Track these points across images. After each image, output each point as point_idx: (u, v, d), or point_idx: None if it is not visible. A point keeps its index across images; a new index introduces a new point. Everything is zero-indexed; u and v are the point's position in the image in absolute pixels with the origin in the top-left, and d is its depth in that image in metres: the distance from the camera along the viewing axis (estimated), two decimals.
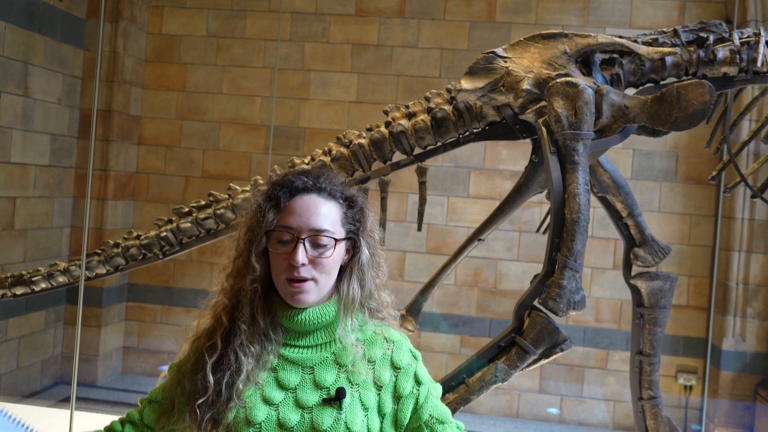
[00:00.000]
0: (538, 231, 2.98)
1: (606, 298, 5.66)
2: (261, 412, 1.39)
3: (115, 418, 1.53)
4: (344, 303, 1.47)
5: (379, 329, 1.52)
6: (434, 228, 5.88)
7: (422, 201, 2.81)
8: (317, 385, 1.42)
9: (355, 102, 6.06)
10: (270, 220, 1.44)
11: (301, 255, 1.40)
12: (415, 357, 1.51)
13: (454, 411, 2.33)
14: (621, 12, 5.69)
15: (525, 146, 2.72)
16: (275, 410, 1.40)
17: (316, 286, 1.43)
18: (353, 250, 1.50)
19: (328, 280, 1.45)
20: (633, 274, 2.82)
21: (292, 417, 1.39)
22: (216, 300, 1.51)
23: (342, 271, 1.50)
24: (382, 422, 1.44)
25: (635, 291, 2.81)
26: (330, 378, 1.43)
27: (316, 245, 1.42)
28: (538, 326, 2.32)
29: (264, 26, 6.18)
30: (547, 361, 2.36)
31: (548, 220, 2.59)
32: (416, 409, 1.47)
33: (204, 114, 6.25)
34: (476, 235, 2.79)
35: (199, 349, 1.46)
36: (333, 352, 1.46)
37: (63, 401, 5.44)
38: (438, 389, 1.53)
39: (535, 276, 2.40)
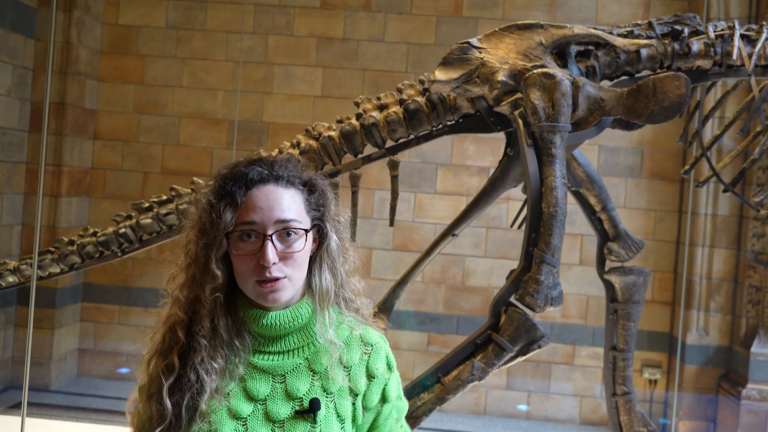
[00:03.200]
0: (512, 225, 2.94)
1: (573, 294, 5.68)
2: (228, 428, 1.28)
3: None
4: (318, 296, 1.36)
5: (356, 329, 1.41)
6: (401, 224, 5.81)
7: (394, 195, 2.74)
8: (289, 396, 1.32)
9: (320, 96, 5.95)
10: (228, 220, 1.29)
11: (271, 253, 1.28)
12: (389, 367, 1.42)
13: (429, 411, 2.27)
14: (587, 8, 5.71)
15: (492, 142, 2.68)
16: (243, 425, 1.29)
17: (290, 283, 1.32)
18: (320, 237, 1.39)
19: (301, 274, 1.34)
20: (606, 269, 2.80)
21: None
22: (169, 313, 1.36)
23: (311, 262, 1.38)
24: None
25: (609, 286, 2.79)
26: (303, 387, 1.33)
27: (284, 239, 1.30)
28: (515, 323, 2.27)
29: (226, 18, 6.00)
30: (524, 358, 2.31)
31: (524, 214, 2.54)
32: (374, 426, 1.40)
33: (163, 108, 6.04)
34: (450, 230, 2.73)
35: (154, 371, 1.33)
36: (306, 358, 1.35)
37: (14, 407, 5.19)
38: (403, 409, 1.45)
39: (512, 272, 2.35)
